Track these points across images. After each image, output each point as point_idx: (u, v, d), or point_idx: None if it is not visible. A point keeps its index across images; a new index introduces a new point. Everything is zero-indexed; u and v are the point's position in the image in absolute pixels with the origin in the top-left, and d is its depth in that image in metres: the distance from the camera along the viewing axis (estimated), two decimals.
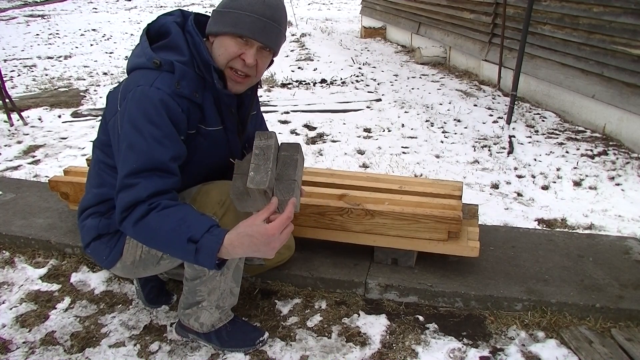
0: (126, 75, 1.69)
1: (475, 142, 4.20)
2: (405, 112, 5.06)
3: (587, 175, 3.50)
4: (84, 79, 6.86)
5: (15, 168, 3.80)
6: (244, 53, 1.57)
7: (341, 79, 6.47)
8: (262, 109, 5.73)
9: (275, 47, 1.63)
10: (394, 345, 1.87)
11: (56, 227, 2.55)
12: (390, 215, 2.05)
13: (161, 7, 17.54)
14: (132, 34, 10.97)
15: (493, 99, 5.47)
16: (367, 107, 5.27)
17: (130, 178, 1.47)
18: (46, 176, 3.56)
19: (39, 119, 5.05)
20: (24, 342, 1.91)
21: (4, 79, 5.22)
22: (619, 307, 1.93)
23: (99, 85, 6.44)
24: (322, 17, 13.71)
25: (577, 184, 3.40)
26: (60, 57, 8.60)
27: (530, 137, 4.28)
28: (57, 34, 11.37)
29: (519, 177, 3.52)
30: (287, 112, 5.08)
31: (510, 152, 3.92)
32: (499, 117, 4.77)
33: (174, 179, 1.52)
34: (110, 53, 8.87)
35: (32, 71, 7.53)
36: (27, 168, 3.78)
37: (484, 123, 4.64)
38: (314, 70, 7.00)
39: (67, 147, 4.25)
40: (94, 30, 11.90)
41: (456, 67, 7.06)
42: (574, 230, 2.76)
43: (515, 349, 1.84)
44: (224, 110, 1.70)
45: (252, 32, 1.54)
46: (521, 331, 1.92)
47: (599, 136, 4.30)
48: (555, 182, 3.42)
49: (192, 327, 1.83)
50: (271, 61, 1.68)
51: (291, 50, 8.74)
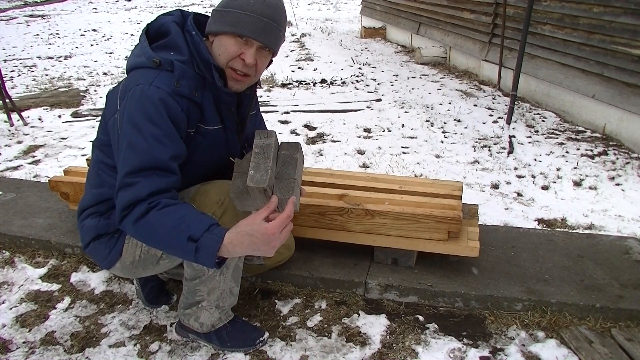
0: (126, 75, 1.69)
1: (475, 142, 4.20)
2: (405, 112, 5.06)
3: (587, 175, 3.50)
4: (84, 79, 6.87)
5: (15, 168, 3.80)
6: (243, 53, 1.57)
7: (341, 79, 6.47)
8: (262, 109, 5.73)
9: (275, 47, 1.63)
10: (394, 345, 1.87)
11: (56, 227, 2.55)
12: (390, 215, 2.05)
13: (161, 7, 17.54)
14: (132, 34, 10.97)
15: (493, 99, 5.47)
16: (367, 107, 5.27)
17: (130, 177, 1.47)
18: (46, 176, 3.56)
19: (39, 119, 5.05)
20: (24, 342, 1.91)
21: (4, 79, 5.23)
22: (619, 307, 1.93)
23: (99, 86, 6.44)
24: (322, 17, 13.71)
25: (577, 184, 3.40)
26: (60, 57, 8.61)
27: (530, 137, 4.28)
28: (57, 34, 11.38)
29: (519, 177, 3.52)
30: (287, 112, 5.08)
31: (510, 152, 3.92)
32: (499, 117, 4.77)
33: (174, 178, 1.52)
34: (110, 53, 8.87)
35: (32, 71, 7.53)
36: (27, 168, 3.79)
37: (484, 123, 4.64)
38: (314, 70, 7.00)
39: (67, 147, 4.25)
40: (94, 30, 11.90)
41: (456, 67, 7.06)
42: (574, 230, 2.76)
43: (515, 349, 1.84)
44: (223, 110, 1.70)
45: (252, 32, 1.55)
46: (521, 331, 1.92)
47: (599, 136, 4.30)
48: (555, 182, 3.42)
49: (192, 327, 1.83)
50: (270, 61, 1.68)
51: (291, 51, 8.74)
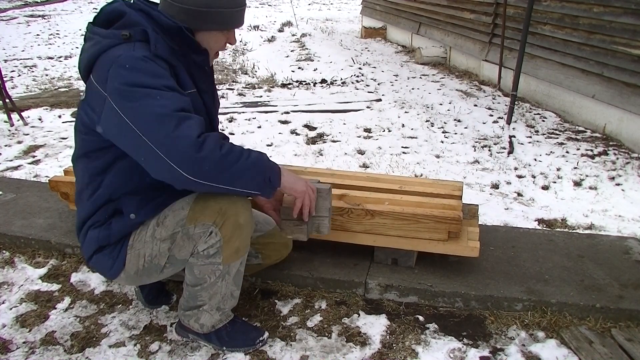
0: (80, 73, 1.64)
1: (476, 142, 4.20)
2: (406, 112, 5.06)
3: (587, 175, 3.50)
4: None
5: (15, 168, 3.80)
6: (229, 39, 1.73)
7: (341, 79, 6.47)
8: (262, 109, 5.71)
9: None
10: (394, 345, 1.87)
11: (56, 227, 2.55)
12: (390, 215, 2.05)
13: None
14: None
15: (493, 99, 5.47)
16: (367, 107, 5.28)
17: (174, 117, 1.44)
18: (46, 176, 3.56)
19: (39, 119, 5.05)
20: (24, 342, 1.91)
21: (4, 79, 5.23)
22: (619, 307, 1.93)
23: None
24: (322, 17, 13.71)
25: (577, 184, 3.40)
26: (60, 57, 8.61)
27: (530, 137, 4.28)
28: (58, 34, 11.38)
29: (519, 177, 3.52)
30: (287, 112, 5.08)
31: (510, 152, 3.92)
32: (499, 117, 4.77)
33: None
34: None
35: (33, 71, 7.53)
36: (27, 168, 3.79)
37: (484, 123, 4.64)
38: (314, 70, 7.00)
39: (67, 147, 4.25)
40: None
41: (456, 67, 7.06)
42: (574, 230, 2.76)
43: (515, 349, 1.84)
44: (195, 72, 1.70)
45: (238, 23, 1.70)
46: (521, 331, 1.92)
47: (599, 136, 4.30)
48: (555, 182, 3.42)
49: (192, 328, 1.83)
50: None
51: (291, 51, 8.74)
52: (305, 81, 6.38)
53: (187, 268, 1.73)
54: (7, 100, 4.81)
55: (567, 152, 3.95)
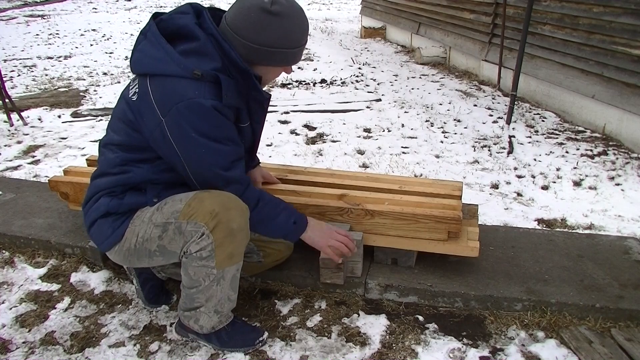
0: (136, 75, 1.68)
1: (475, 142, 4.20)
2: (405, 112, 5.06)
3: (587, 175, 3.50)
4: (84, 79, 6.86)
5: (15, 168, 3.80)
6: (286, 70, 1.78)
7: (341, 79, 6.47)
8: None
9: None
10: (393, 345, 1.87)
11: (56, 227, 2.55)
12: (390, 215, 2.04)
13: (161, 7, 17.54)
14: (132, 34, 10.96)
15: (493, 99, 5.48)
16: (367, 107, 5.28)
17: (228, 172, 1.69)
18: (46, 176, 3.56)
19: (39, 119, 5.05)
20: (23, 342, 1.91)
21: (4, 79, 5.22)
22: (619, 307, 1.93)
23: (98, 86, 6.44)
24: (322, 17, 13.71)
25: (577, 184, 3.40)
26: (60, 57, 8.60)
27: (530, 137, 4.28)
28: (57, 34, 11.37)
29: (519, 177, 3.53)
30: (287, 112, 5.08)
31: (510, 152, 3.92)
32: (499, 117, 4.77)
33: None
34: (110, 53, 8.87)
35: (32, 71, 7.53)
36: (27, 168, 3.79)
37: (483, 123, 4.64)
38: (314, 70, 7.00)
39: (67, 147, 4.25)
40: (93, 30, 11.90)
41: (456, 67, 7.06)
42: (574, 230, 2.76)
43: (515, 349, 1.84)
44: (252, 107, 1.80)
45: (298, 59, 1.75)
46: (521, 331, 1.92)
47: (599, 136, 4.30)
48: (555, 182, 3.42)
49: (192, 328, 1.84)
50: None
51: None
52: (305, 81, 6.38)
53: (182, 268, 1.73)
54: (7, 100, 4.80)
55: (566, 152, 3.95)
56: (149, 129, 1.63)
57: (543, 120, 4.75)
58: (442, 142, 4.21)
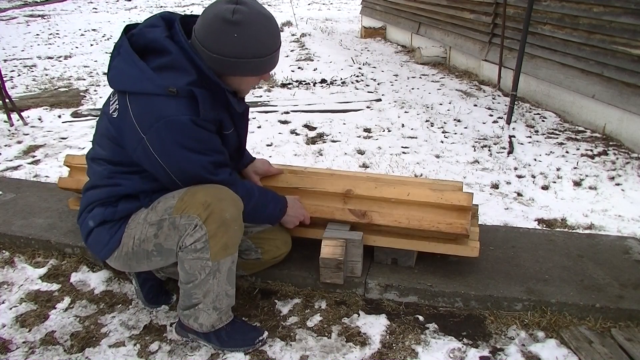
0: (113, 89, 1.72)
1: (475, 142, 4.20)
2: (405, 112, 5.06)
3: (587, 175, 3.50)
4: (84, 79, 6.87)
5: (15, 168, 3.80)
6: (262, 78, 1.75)
7: (341, 79, 6.47)
8: (262, 109, 5.72)
9: None
10: (394, 345, 1.87)
11: (56, 227, 2.55)
12: (395, 229, 2.05)
13: (161, 7, 17.54)
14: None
15: (493, 99, 5.47)
16: (367, 107, 5.27)
17: (216, 177, 1.72)
18: (46, 176, 3.56)
19: (39, 119, 5.05)
20: (23, 342, 1.91)
21: (4, 79, 5.22)
22: (619, 307, 1.93)
23: (99, 85, 6.44)
24: (322, 17, 13.71)
25: (577, 184, 3.40)
26: (60, 57, 8.61)
27: (530, 137, 4.28)
28: (57, 34, 11.38)
29: (519, 177, 3.52)
30: (287, 112, 5.08)
31: (510, 152, 3.92)
32: (499, 117, 4.77)
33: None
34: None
35: (32, 71, 7.53)
36: (27, 168, 3.78)
37: (484, 123, 4.64)
38: (314, 70, 7.00)
39: (67, 147, 4.25)
40: (94, 30, 11.90)
41: (456, 67, 7.06)
42: (574, 230, 2.76)
43: (515, 349, 1.84)
44: (234, 115, 1.80)
45: (271, 66, 1.71)
46: (521, 331, 1.92)
47: (599, 136, 4.30)
48: (555, 182, 3.42)
49: (192, 327, 1.84)
50: None
51: (291, 50, 8.74)
52: (305, 81, 6.37)
53: (179, 264, 1.74)
54: (7, 100, 4.80)
55: (567, 152, 3.95)
56: (132, 146, 1.64)
57: (543, 120, 4.75)
58: (442, 142, 4.20)
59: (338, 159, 3.80)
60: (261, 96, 5.78)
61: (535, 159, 3.80)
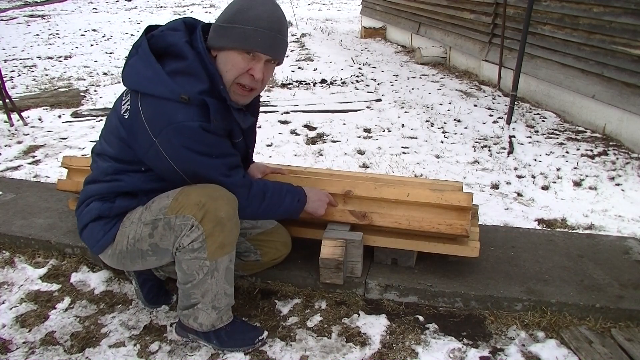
0: (126, 88, 1.70)
1: (475, 142, 4.20)
2: (405, 112, 5.06)
3: (587, 176, 3.50)
4: (84, 79, 6.87)
5: (15, 168, 3.80)
6: (252, 68, 1.64)
7: (341, 79, 6.47)
8: (262, 109, 5.74)
9: (282, 59, 1.72)
10: (394, 345, 1.87)
11: (56, 227, 2.55)
12: (396, 230, 2.05)
13: (161, 7, 17.54)
14: (132, 34, 10.96)
15: (493, 99, 5.47)
16: (367, 107, 5.28)
17: (230, 179, 1.74)
18: (46, 176, 3.56)
19: (39, 119, 5.05)
20: (24, 342, 1.91)
21: (4, 79, 5.23)
22: (619, 307, 1.93)
23: (99, 86, 6.44)
24: (322, 17, 13.71)
25: (577, 184, 3.40)
26: (60, 57, 8.61)
27: (530, 137, 4.28)
28: (57, 34, 11.38)
29: (519, 177, 3.52)
30: (287, 112, 5.08)
31: (510, 152, 3.92)
32: (499, 117, 4.77)
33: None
34: (111, 53, 8.87)
35: (32, 71, 7.53)
36: (27, 168, 3.79)
37: (484, 123, 4.64)
38: (314, 70, 7.00)
39: (67, 147, 4.25)
40: (94, 30, 11.91)
41: (456, 67, 7.06)
42: (574, 230, 2.76)
43: (515, 349, 1.84)
44: (243, 125, 1.82)
45: (261, 47, 1.61)
46: (521, 331, 1.92)
47: (599, 136, 4.30)
48: (555, 182, 3.42)
49: (192, 327, 1.84)
50: None
51: (291, 51, 8.74)
52: (305, 81, 6.37)
53: (176, 265, 1.75)
54: (7, 100, 4.81)
55: (567, 152, 3.95)
56: (143, 149, 1.65)
57: (543, 120, 4.75)
58: (442, 142, 4.20)
59: (338, 159, 3.80)
60: (261, 96, 5.78)
61: (535, 159, 3.80)
